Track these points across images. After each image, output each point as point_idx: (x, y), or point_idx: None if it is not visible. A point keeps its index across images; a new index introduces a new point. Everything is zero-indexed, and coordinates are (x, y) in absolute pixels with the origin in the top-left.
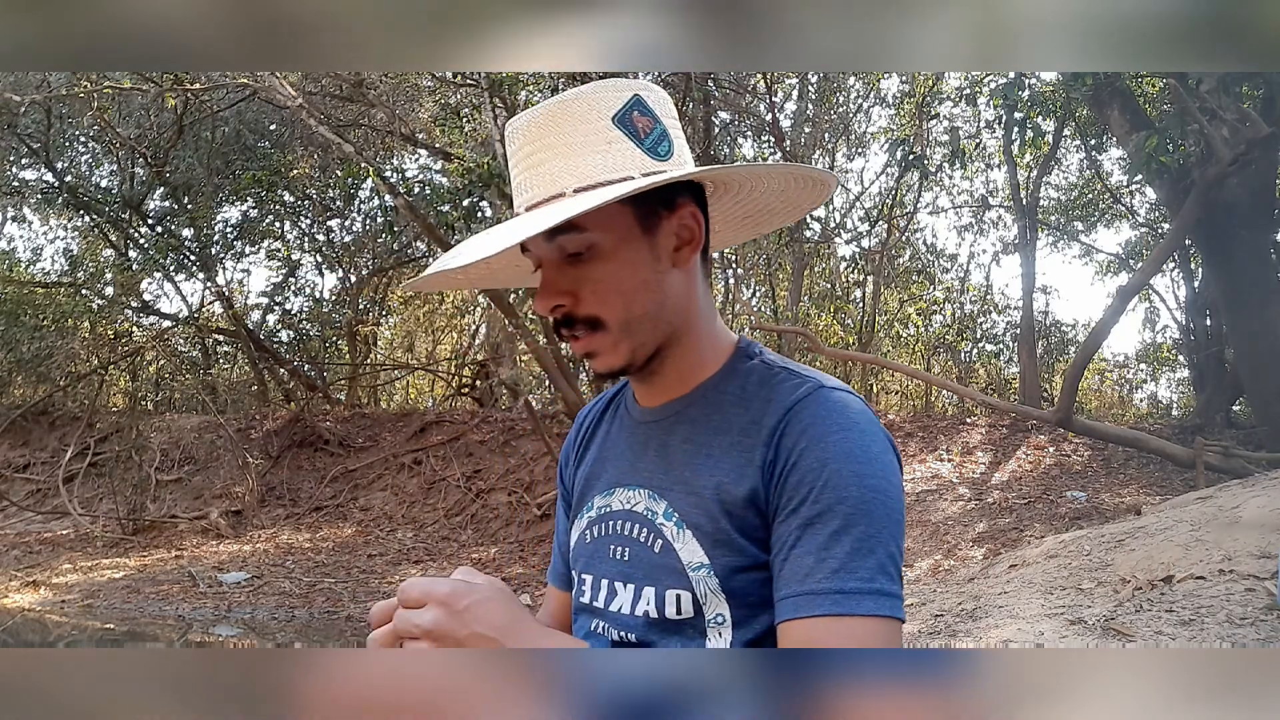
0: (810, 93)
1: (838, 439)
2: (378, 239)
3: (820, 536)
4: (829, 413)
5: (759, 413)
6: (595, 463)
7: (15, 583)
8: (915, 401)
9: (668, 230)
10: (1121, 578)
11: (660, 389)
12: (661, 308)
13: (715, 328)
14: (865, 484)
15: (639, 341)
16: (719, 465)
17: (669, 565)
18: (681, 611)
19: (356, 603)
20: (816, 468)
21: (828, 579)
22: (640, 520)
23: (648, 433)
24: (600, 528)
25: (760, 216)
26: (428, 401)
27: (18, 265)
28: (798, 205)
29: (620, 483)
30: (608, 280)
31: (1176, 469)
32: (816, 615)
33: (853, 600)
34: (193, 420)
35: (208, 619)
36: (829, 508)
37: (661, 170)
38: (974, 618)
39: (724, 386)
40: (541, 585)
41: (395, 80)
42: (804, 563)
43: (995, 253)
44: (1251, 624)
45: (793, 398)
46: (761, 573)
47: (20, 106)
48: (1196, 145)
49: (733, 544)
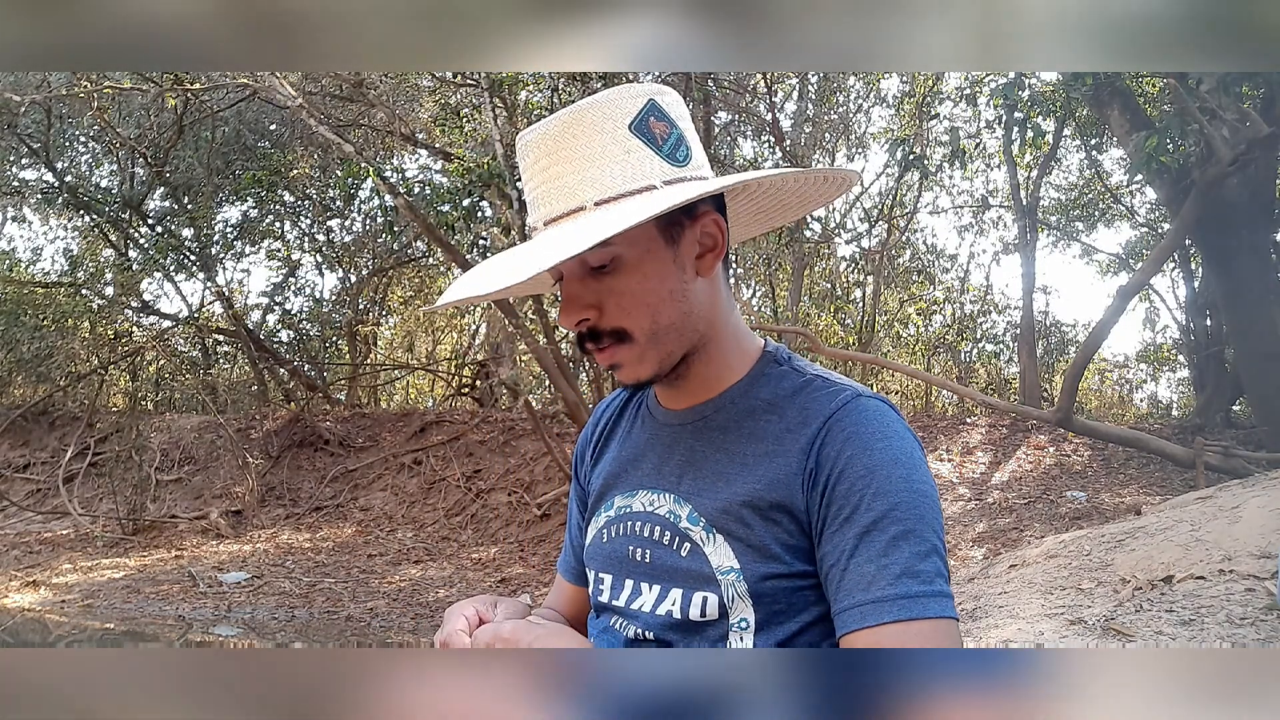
0: (810, 93)
1: (881, 447)
2: (378, 239)
3: (879, 544)
4: (869, 421)
5: (795, 421)
6: (616, 462)
7: (15, 583)
8: (915, 401)
9: (690, 239)
10: (1121, 578)
11: (686, 392)
12: (688, 316)
13: (740, 331)
14: (914, 488)
15: (666, 351)
16: (753, 472)
17: (697, 569)
18: (706, 614)
19: (356, 603)
20: (865, 475)
21: (892, 584)
22: (662, 523)
23: (674, 436)
24: (619, 528)
25: (775, 212)
26: (428, 401)
27: (18, 265)
28: (814, 199)
29: (644, 485)
30: (633, 292)
31: (1176, 469)
32: (885, 623)
33: (920, 604)
34: (193, 420)
35: (208, 619)
36: (884, 514)
37: (681, 176)
38: (974, 618)
39: (754, 392)
40: (542, 585)
41: (395, 80)
42: (865, 570)
43: (995, 253)
44: (1251, 624)
45: (831, 407)
46: (791, 581)
47: (20, 106)
48: (1196, 145)
49: (764, 550)
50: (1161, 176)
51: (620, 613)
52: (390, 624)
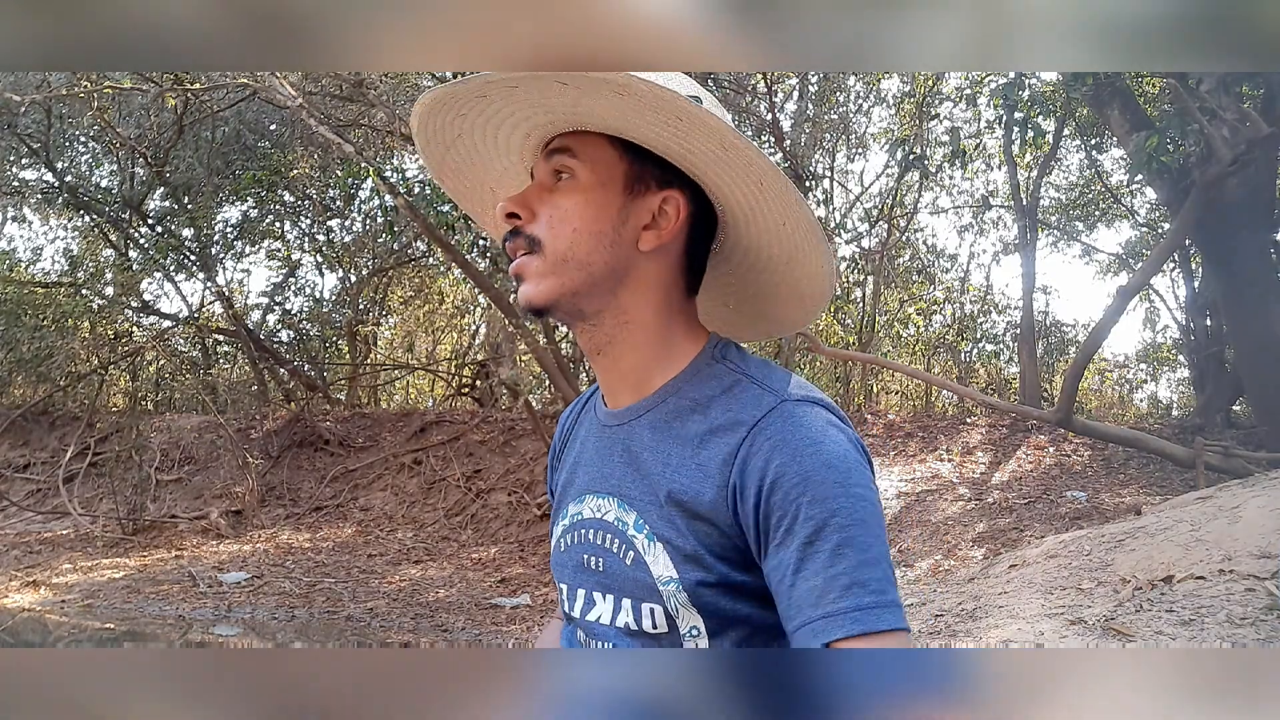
0: (810, 93)
1: (811, 452)
2: (378, 239)
3: (822, 555)
4: (796, 427)
5: (719, 423)
6: (569, 468)
7: (15, 583)
8: (915, 401)
9: (645, 205)
10: (1121, 578)
11: (622, 388)
12: (608, 268)
13: (684, 329)
14: (851, 493)
15: (566, 285)
16: (678, 476)
17: (641, 579)
18: (656, 626)
19: (356, 603)
20: (799, 484)
21: (840, 597)
22: (611, 530)
23: (613, 437)
24: (573, 536)
25: (768, 300)
26: (428, 401)
27: (18, 265)
28: (801, 286)
29: (590, 489)
30: (565, 210)
31: (1176, 469)
32: (838, 639)
33: (873, 615)
34: (193, 420)
35: (208, 619)
36: (824, 523)
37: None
38: (974, 618)
39: (686, 390)
40: (542, 585)
41: (395, 80)
42: (814, 584)
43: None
44: (1251, 624)
45: (755, 414)
46: (729, 589)
47: (20, 106)
48: (1196, 145)
49: (701, 560)
50: (1161, 176)
51: (580, 625)
52: (390, 624)
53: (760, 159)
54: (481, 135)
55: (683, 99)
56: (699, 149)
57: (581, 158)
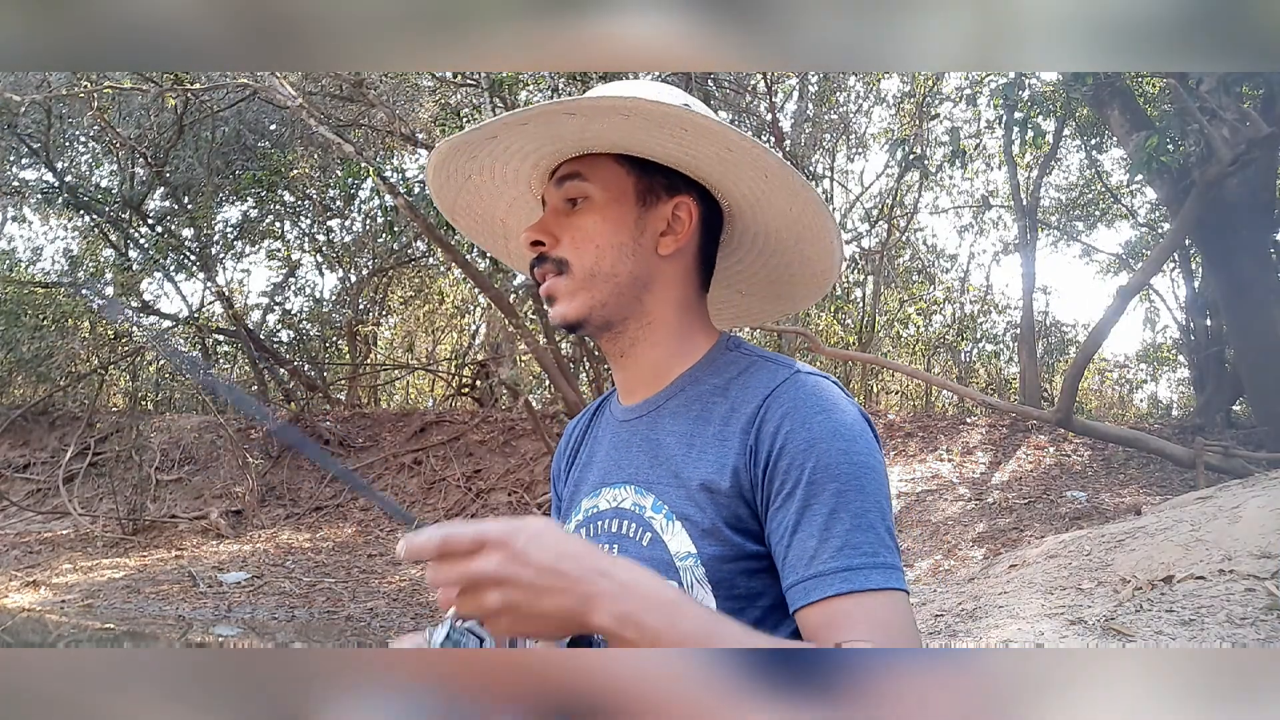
0: (810, 93)
1: (820, 420)
2: (378, 239)
3: (819, 517)
4: (808, 395)
5: (738, 400)
6: (582, 468)
7: (15, 583)
8: (915, 401)
9: (659, 214)
10: (1121, 578)
11: (638, 384)
12: (632, 276)
13: (698, 326)
14: (855, 460)
15: (597, 298)
16: (704, 456)
17: (657, 557)
18: None
19: (356, 603)
20: (805, 449)
21: (833, 557)
22: (627, 516)
23: (631, 430)
24: (588, 529)
25: (780, 282)
26: (428, 401)
27: (18, 265)
28: (811, 263)
29: (606, 482)
30: (586, 230)
31: (1176, 469)
32: (829, 596)
33: (862, 575)
34: (193, 420)
35: (208, 619)
36: (823, 486)
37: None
38: (974, 618)
39: (703, 378)
40: None
41: (395, 80)
42: (808, 545)
43: (995, 253)
44: (1251, 624)
45: (770, 384)
46: (748, 563)
47: (20, 106)
48: (1196, 145)
49: (719, 535)
50: (1161, 176)
51: None
52: (390, 624)
53: (765, 154)
54: (491, 171)
55: (687, 112)
56: (703, 153)
57: (591, 179)
